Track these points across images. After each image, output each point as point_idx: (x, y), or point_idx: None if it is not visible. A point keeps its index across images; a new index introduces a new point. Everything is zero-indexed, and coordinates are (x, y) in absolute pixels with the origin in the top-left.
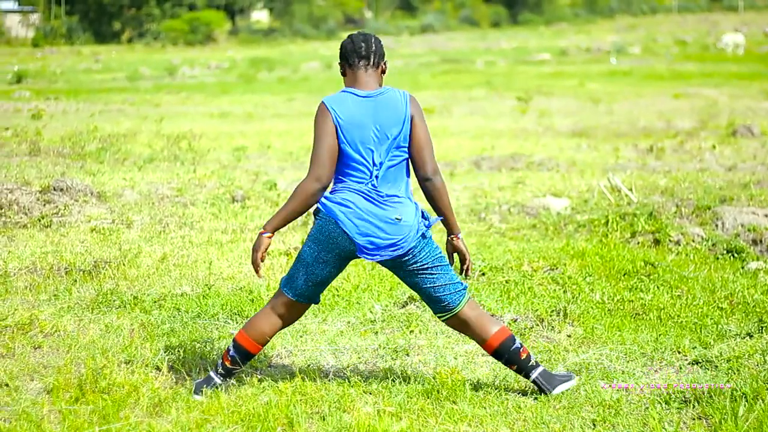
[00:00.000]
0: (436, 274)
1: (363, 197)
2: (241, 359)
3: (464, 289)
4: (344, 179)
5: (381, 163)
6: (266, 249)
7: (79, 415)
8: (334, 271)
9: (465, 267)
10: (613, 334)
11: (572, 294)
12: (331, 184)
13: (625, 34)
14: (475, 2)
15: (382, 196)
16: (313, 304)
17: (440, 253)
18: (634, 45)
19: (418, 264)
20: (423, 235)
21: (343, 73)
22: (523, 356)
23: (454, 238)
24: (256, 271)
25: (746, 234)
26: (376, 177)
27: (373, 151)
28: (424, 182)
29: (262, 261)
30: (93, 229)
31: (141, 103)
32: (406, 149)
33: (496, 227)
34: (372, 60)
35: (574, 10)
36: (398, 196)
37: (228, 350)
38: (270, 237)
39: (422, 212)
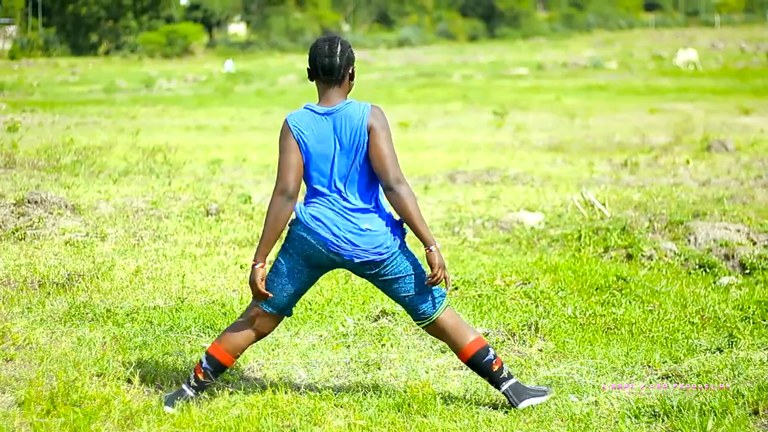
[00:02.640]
0: (411, 282)
1: (332, 210)
2: (214, 372)
3: (441, 297)
4: (312, 194)
5: (344, 177)
6: (263, 278)
7: (50, 428)
8: (309, 281)
9: (430, 277)
10: (584, 348)
11: (544, 308)
12: (302, 197)
13: (601, 48)
14: (452, 16)
15: (349, 209)
16: (285, 317)
17: (415, 260)
18: (611, 60)
19: (393, 272)
20: (398, 241)
21: (311, 79)
22: (495, 368)
23: (427, 251)
24: (262, 299)
25: (718, 249)
26: (340, 190)
27: (334, 166)
28: (387, 192)
29: (264, 294)
30: (67, 241)
31: (117, 116)
32: (366, 162)
33: (469, 241)
34: (337, 74)
35: (551, 25)
36: (365, 210)
37: (200, 362)
38: (262, 266)
39: (395, 222)
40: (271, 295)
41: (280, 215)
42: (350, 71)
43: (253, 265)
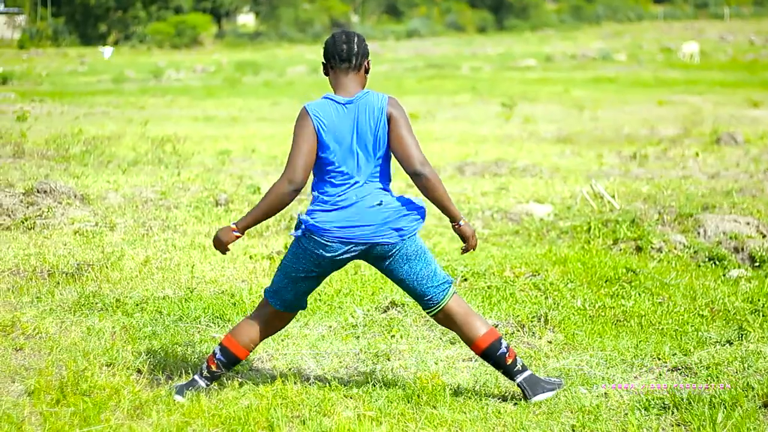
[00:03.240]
0: (419, 266)
1: (342, 209)
2: (227, 363)
3: (449, 284)
4: (325, 189)
5: (364, 166)
6: (230, 242)
7: (60, 417)
8: (323, 278)
9: (464, 248)
10: (593, 340)
11: (554, 300)
12: (311, 195)
13: (610, 40)
14: (461, 8)
15: (364, 196)
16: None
17: (422, 246)
18: (620, 52)
19: (400, 257)
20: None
21: (326, 73)
22: (509, 361)
23: (456, 226)
24: (221, 252)
25: (728, 242)
26: (357, 182)
27: (353, 157)
28: (414, 177)
29: (224, 251)
30: (76, 231)
31: (126, 106)
32: (385, 152)
33: (478, 233)
34: (354, 62)
35: (560, 17)
36: (374, 187)
37: (214, 353)
38: (238, 235)
39: (410, 205)
40: (229, 248)
41: (280, 202)
42: (366, 63)
43: (231, 228)
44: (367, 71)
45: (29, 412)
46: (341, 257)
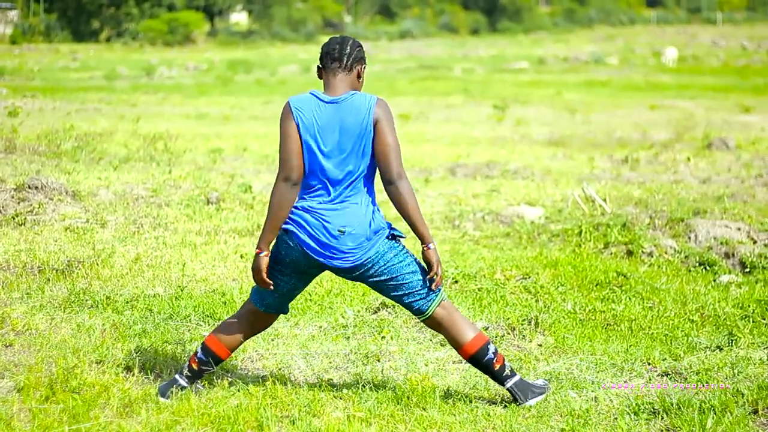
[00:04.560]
0: (398, 284)
1: (312, 213)
2: (209, 363)
3: (434, 294)
4: (304, 189)
5: (340, 169)
6: (266, 267)
7: (49, 414)
8: (298, 283)
9: (429, 278)
10: (584, 344)
11: (544, 303)
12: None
13: (603, 44)
14: (454, 9)
15: (334, 205)
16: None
17: (401, 263)
18: (612, 55)
19: (377, 276)
20: (383, 245)
21: (319, 76)
22: (497, 366)
23: (425, 249)
24: (265, 287)
25: (719, 247)
26: (334, 183)
27: (332, 158)
28: (388, 186)
29: (266, 282)
30: (67, 228)
31: (118, 103)
32: (368, 156)
33: (469, 235)
34: (344, 63)
35: (553, 20)
36: (350, 201)
37: (196, 353)
38: (266, 255)
39: (382, 220)
40: (271, 284)
41: (283, 202)
42: (359, 68)
43: (257, 253)
44: (359, 77)
45: (18, 409)
46: (311, 262)
